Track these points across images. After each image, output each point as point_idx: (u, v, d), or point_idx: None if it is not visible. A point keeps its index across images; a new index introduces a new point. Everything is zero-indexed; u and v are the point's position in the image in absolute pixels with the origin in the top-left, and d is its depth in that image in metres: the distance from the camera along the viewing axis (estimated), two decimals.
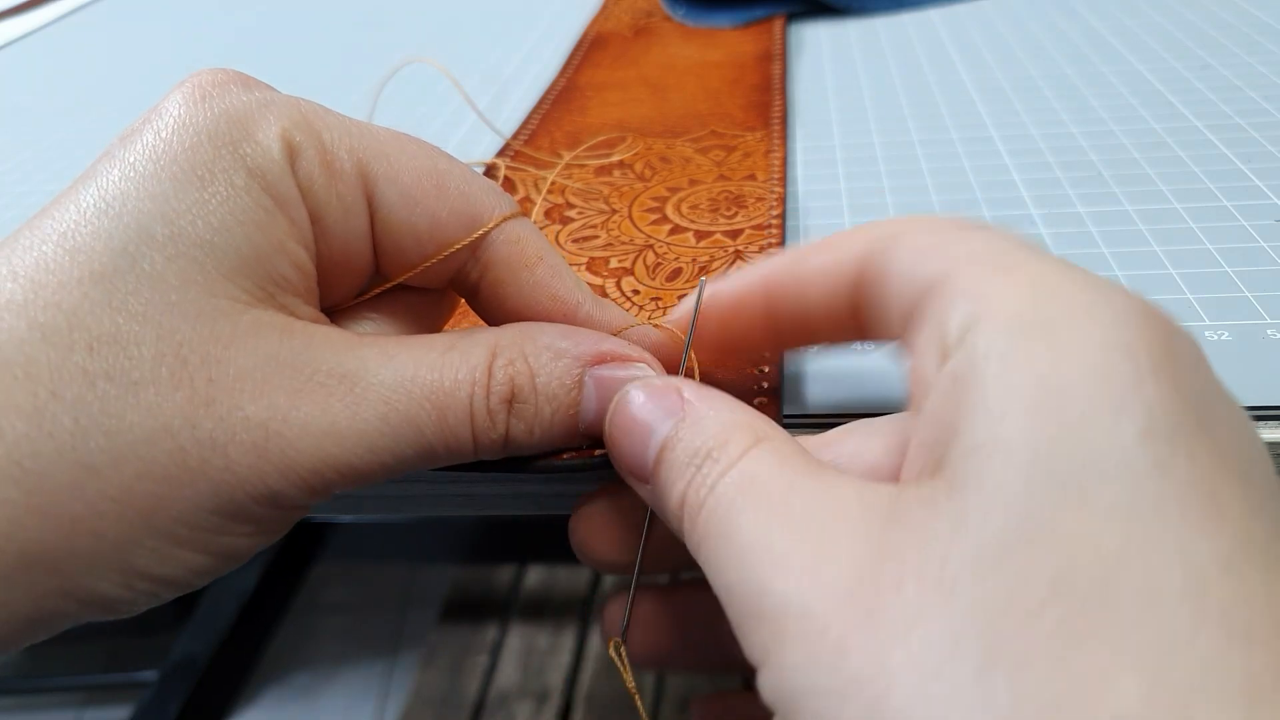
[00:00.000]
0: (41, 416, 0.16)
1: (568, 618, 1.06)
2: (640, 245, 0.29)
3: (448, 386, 0.18)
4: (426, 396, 0.18)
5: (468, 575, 1.13)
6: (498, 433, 0.19)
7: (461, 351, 0.19)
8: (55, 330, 0.16)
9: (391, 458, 0.18)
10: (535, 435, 0.19)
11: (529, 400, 0.19)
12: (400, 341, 0.19)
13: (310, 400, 0.17)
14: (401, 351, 0.18)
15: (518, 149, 0.37)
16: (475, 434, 0.19)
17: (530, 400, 0.19)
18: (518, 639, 1.05)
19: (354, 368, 0.18)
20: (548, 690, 0.99)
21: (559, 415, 0.19)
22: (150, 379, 0.16)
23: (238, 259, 0.17)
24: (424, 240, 0.20)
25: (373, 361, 0.18)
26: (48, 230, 0.17)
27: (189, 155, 0.17)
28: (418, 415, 0.18)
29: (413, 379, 0.18)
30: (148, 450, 0.16)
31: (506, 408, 0.19)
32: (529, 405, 0.19)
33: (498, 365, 0.19)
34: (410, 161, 0.19)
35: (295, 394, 0.17)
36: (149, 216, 0.17)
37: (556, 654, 1.03)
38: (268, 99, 0.19)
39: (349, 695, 1.03)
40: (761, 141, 0.35)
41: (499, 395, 0.19)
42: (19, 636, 0.17)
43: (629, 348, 0.20)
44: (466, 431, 0.18)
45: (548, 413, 0.19)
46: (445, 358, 0.18)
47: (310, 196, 0.18)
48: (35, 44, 0.66)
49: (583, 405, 0.19)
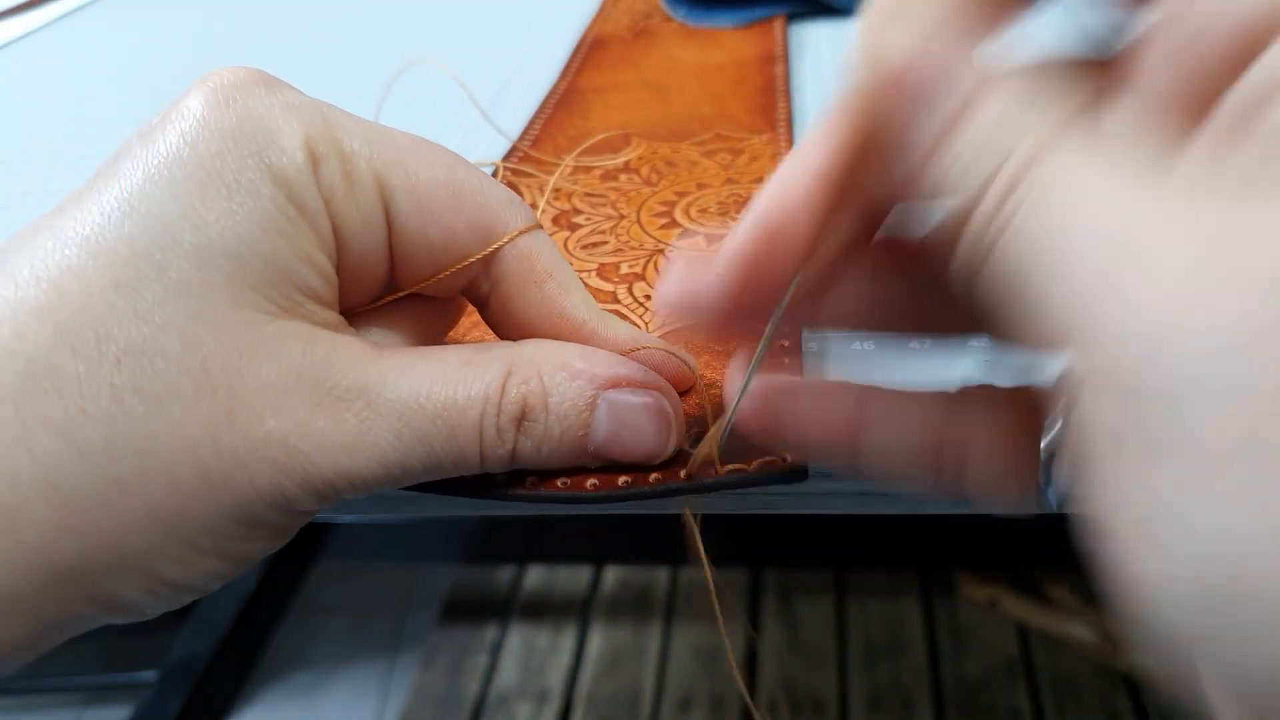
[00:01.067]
0: (72, 432, 0.16)
1: (568, 618, 1.06)
2: (650, 250, 0.29)
3: (460, 404, 0.18)
4: (439, 413, 0.18)
5: (468, 575, 1.14)
6: (505, 449, 0.19)
7: (477, 368, 0.19)
8: (82, 341, 0.16)
9: (400, 470, 0.18)
10: (543, 453, 0.19)
11: (539, 419, 0.19)
12: (418, 354, 0.19)
13: (329, 414, 0.18)
14: (419, 365, 0.19)
15: (524, 151, 0.37)
16: (483, 449, 0.19)
17: (541, 419, 0.19)
18: (518, 639, 1.05)
19: (372, 382, 0.18)
20: (548, 690, 0.99)
21: (568, 435, 0.19)
22: (175, 393, 0.17)
23: (263, 269, 0.17)
24: (438, 251, 0.20)
25: (390, 376, 0.18)
26: (70, 233, 0.17)
27: (214, 160, 0.17)
28: (429, 431, 0.18)
29: (427, 395, 0.18)
30: (174, 467, 0.16)
31: (516, 425, 0.19)
32: (539, 424, 0.19)
33: (512, 383, 0.19)
34: (427, 172, 0.19)
35: (315, 407, 0.18)
36: (175, 221, 0.17)
37: (556, 654, 1.03)
38: (290, 102, 0.19)
39: (349, 695, 1.04)
40: (768, 144, 0.36)
41: (510, 414, 0.19)
42: (45, 641, 0.17)
43: (645, 373, 0.20)
44: (475, 447, 0.19)
45: (557, 432, 0.19)
46: (461, 373, 0.19)
47: (331, 205, 0.18)
48: (35, 44, 0.66)
49: (593, 427, 0.19)
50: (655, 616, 1.05)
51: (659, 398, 0.20)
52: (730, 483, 0.20)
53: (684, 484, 0.20)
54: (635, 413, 0.20)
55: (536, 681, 1.00)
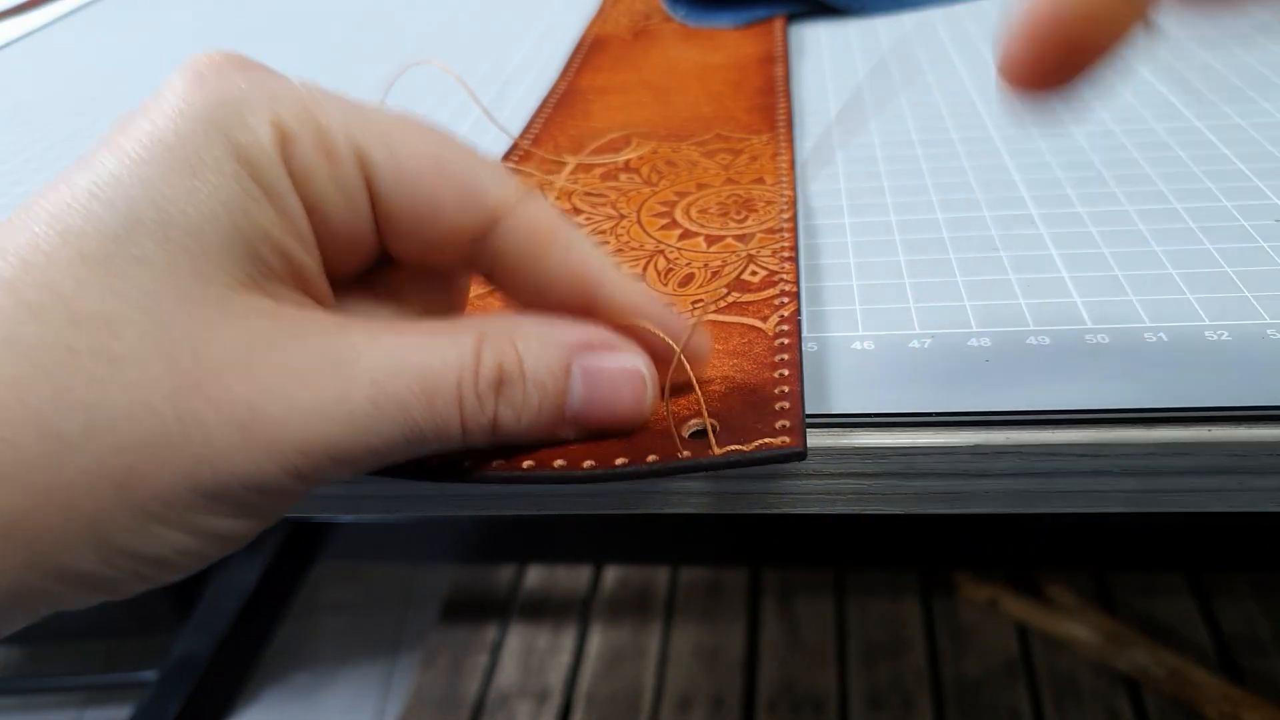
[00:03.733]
0: (19, 386, 0.16)
1: (568, 618, 1.06)
2: (651, 251, 0.29)
3: (436, 369, 0.18)
4: (415, 379, 0.18)
5: (468, 575, 1.14)
6: (486, 418, 0.19)
7: (449, 336, 0.19)
8: (42, 307, 0.16)
9: (379, 440, 0.18)
10: (523, 422, 0.19)
11: (517, 385, 0.19)
12: (388, 324, 0.19)
13: (298, 381, 0.17)
14: (389, 335, 0.19)
15: (525, 149, 0.37)
16: (464, 419, 0.19)
17: (519, 385, 0.19)
18: (518, 639, 1.06)
19: (343, 350, 0.18)
20: (548, 690, 0.99)
21: (547, 403, 0.20)
22: (134, 357, 0.16)
23: (226, 246, 0.18)
24: (425, 223, 0.20)
25: (361, 344, 0.18)
26: (40, 212, 0.17)
27: (181, 141, 0.18)
28: (405, 397, 0.18)
29: (402, 361, 0.18)
30: (126, 425, 0.16)
31: (495, 392, 0.19)
32: (517, 391, 0.19)
33: (485, 350, 0.19)
34: (411, 146, 0.19)
35: (283, 375, 0.17)
36: (140, 202, 0.17)
37: (556, 654, 1.03)
38: (263, 82, 0.19)
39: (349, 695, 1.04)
40: (768, 144, 0.36)
41: (487, 380, 0.19)
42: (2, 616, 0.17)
43: (615, 337, 0.20)
44: (455, 416, 0.19)
45: (535, 399, 0.19)
46: (433, 340, 0.19)
47: (306, 183, 0.18)
48: (35, 44, 0.66)
49: (570, 392, 0.20)
50: (655, 616, 1.05)
51: (634, 359, 0.20)
52: (728, 462, 0.20)
53: (681, 462, 0.20)
54: (610, 375, 0.20)
55: (536, 681, 1.00)
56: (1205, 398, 0.22)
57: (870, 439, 0.22)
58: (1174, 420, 0.22)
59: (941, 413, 0.22)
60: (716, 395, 0.22)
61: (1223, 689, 0.90)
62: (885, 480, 0.23)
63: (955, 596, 1.05)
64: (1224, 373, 0.22)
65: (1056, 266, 0.28)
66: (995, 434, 0.22)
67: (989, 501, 0.23)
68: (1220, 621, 0.99)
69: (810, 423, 0.22)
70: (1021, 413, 0.22)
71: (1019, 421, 0.22)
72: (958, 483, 0.23)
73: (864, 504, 0.23)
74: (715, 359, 0.24)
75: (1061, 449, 0.22)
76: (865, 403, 0.23)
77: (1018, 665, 0.98)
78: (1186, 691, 0.91)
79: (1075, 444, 0.22)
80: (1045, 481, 0.22)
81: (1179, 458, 0.22)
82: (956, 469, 0.22)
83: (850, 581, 1.08)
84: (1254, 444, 0.21)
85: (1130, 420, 0.22)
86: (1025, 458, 0.22)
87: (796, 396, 0.22)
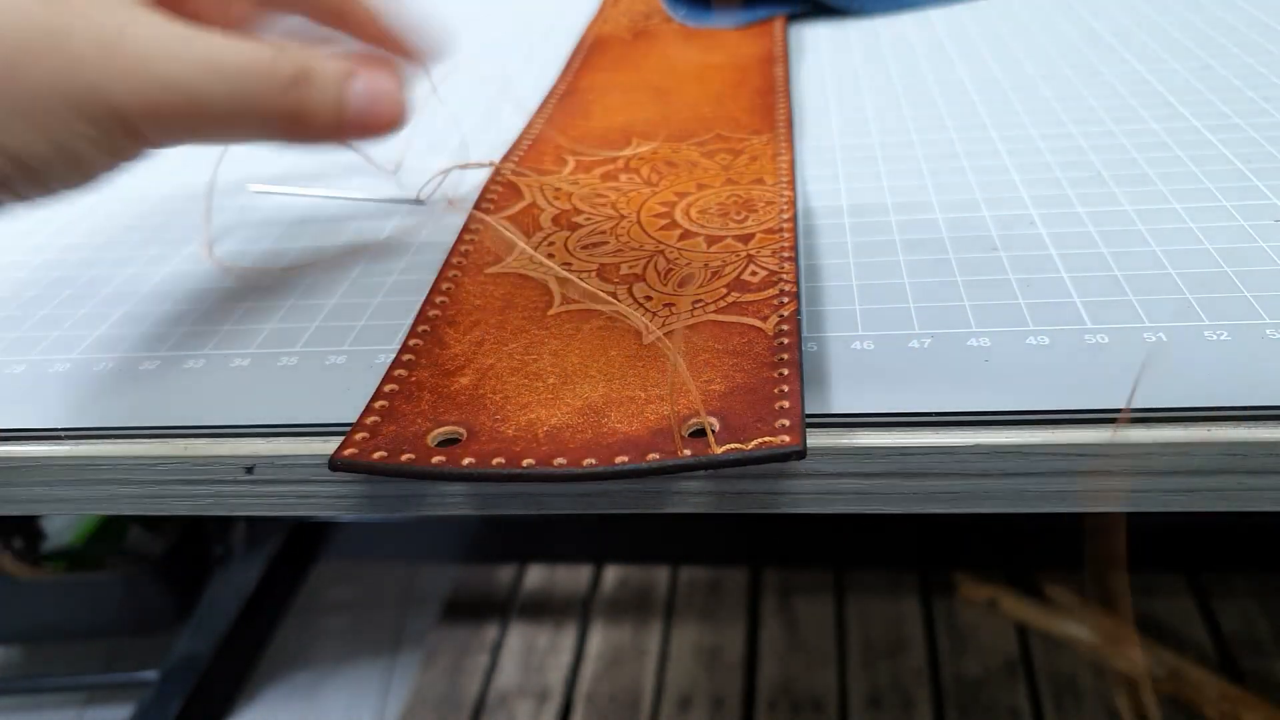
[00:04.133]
0: None
1: (568, 617, 1.06)
2: (650, 251, 0.29)
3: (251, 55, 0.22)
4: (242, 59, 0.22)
5: (468, 575, 1.14)
6: (292, 99, 0.22)
7: (255, 42, 0.22)
8: None
9: (226, 92, 0.21)
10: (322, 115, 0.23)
11: (315, 82, 0.23)
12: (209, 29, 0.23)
13: (161, 17, 0.21)
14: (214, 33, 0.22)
15: (526, 149, 0.37)
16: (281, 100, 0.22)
17: (315, 82, 0.23)
18: (518, 639, 1.05)
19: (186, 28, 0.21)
20: (548, 690, 0.99)
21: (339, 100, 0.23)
22: None
23: None
24: None
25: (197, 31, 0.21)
26: None
27: None
28: (242, 63, 0.21)
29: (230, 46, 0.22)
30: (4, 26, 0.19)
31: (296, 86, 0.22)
32: (315, 86, 0.23)
33: (283, 55, 0.22)
34: None
35: (149, 11, 0.21)
36: None
37: (556, 654, 1.03)
38: None
39: (349, 695, 1.04)
40: (768, 145, 0.36)
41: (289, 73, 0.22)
42: None
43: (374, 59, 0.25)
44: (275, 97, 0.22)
45: (331, 94, 0.23)
46: (245, 41, 0.22)
47: None
48: None
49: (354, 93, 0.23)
50: (655, 616, 1.05)
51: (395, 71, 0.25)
52: (728, 461, 0.20)
53: (681, 461, 0.20)
54: (382, 80, 0.24)
55: (536, 681, 1.00)
56: (1205, 398, 0.22)
57: (870, 439, 0.22)
58: (1174, 420, 0.22)
59: (941, 413, 0.22)
60: (717, 394, 0.22)
61: (1222, 689, 0.90)
62: (885, 480, 0.23)
63: (955, 596, 1.05)
64: (1224, 373, 0.23)
65: (1056, 266, 0.28)
66: (995, 434, 0.22)
67: (989, 501, 0.23)
68: (1219, 621, 0.99)
69: (810, 422, 0.22)
70: (1021, 413, 0.22)
71: (1019, 421, 0.22)
72: (958, 483, 0.23)
73: (864, 504, 0.23)
74: (715, 359, 0.24)
75: (1061, 449, 0.22)
76: (865, 403, 0.23)
77: (1017, 665, 0.98)
78: (1186, 691, 0.91)
79: (1075, 444, 0.22)
80: (1045, 481, 0.22)
81: (1179, 458, 0.22)
82: (956, 469, 0.22)
83: (850, 581, 1.08)
84: (1254, 444, 0.21)
85: (1130, 420, 0.22)
86: (1025, 458, 0.22)
87: (796, 396, 0.22)
